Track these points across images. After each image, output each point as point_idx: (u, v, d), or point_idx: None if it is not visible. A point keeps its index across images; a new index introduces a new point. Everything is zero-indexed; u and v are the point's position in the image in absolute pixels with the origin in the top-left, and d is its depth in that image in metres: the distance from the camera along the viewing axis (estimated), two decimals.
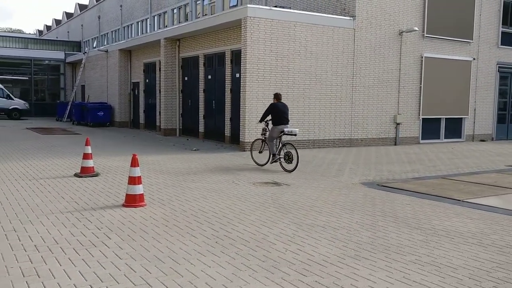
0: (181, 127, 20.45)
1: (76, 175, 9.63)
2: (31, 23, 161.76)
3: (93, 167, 9.81)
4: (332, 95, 16.27)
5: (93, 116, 24.79)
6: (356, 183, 9.71)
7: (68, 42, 47.89)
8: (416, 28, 17.37)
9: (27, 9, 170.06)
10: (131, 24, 37.31)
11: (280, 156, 11.35)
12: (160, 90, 21.11)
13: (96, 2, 44.98)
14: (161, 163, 11.78)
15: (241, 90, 14.96)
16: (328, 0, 17.35)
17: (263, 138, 12.00)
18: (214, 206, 7.23)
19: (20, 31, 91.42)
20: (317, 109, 15.97)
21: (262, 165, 11.71)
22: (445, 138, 19.89)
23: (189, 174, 10.20)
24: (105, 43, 40.71)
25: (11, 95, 30.20)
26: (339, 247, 5.35)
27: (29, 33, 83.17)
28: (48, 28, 69.04)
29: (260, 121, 11.71)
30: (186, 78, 20.04)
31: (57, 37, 55.78)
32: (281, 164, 11.26)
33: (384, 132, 17.76)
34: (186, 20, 29.14)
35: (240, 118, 15.00)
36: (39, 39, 53.38)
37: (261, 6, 15.48)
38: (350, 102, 16.72)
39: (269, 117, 11.57)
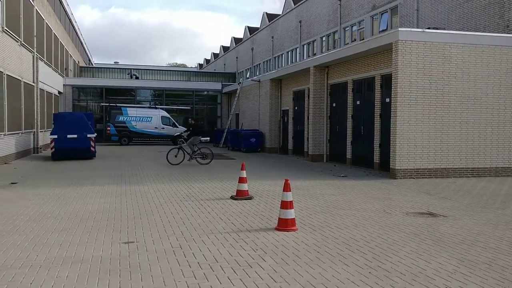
0: (328, 153, 20.47)
1: (232, 197, 10.19)
2: (193, 58, 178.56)
3: (247, 190, 10.28)
4: (494, 119, 14.87)
5: (246, 142, 26.12)
6: None
7: (224, 74, 51.64)
8: None
9: (191, 45, 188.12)
10: (281, 54, 38.82)
11: (196, 156, 17.99)
12: (308, 117, 21.46)
13: (250, 35, 47.86)
14: (310, 189, 11.87)
15: (391, 115, 14.49)
16: (488, 17, 16.09)
17: (179, 146, 18.20)
18: (366, 235, 7.02)
19: (184, 66, 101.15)
20: (476, 134, 14.73)
21: (175, 164, 17.38)
22: None
23: (338, 201, 10.10)
24: (257, 73, 42.94)
25: (176, 123, 33.34)
26: None
27: (191, 67, 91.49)
28: (207, 61, 75.23)
29: (188, 135, 18.43)
30: (334, 104, 20.09)
31: (214, 69, 60.53)
32: (197, 160, 18.03)
33: None
34: (334, 47, 29.38)
35: (391, 144, 14.49)
36: (199, 72, 58.45)
37: (413, 29, 14.94)
38: None
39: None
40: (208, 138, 19.43)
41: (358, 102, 18.01)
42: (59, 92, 32.77)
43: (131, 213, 8.53)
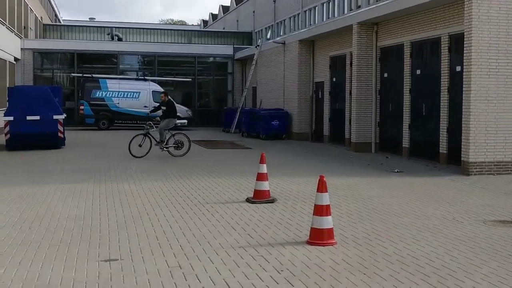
0: (377, 141, 20.39)
1: (248, 200, 10.25)
2: (195, 13, 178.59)
3: (268, 190, 10.31)
4: None
5: (266, 126, 26.08)
6: None
7: (237, 34, 51.44)
8: None
9: None
10: (314, 7, 38.57)
11: (168, 146, 17.87)
12: (350, 92, 21.39)
13: None
14: (353, 188, 11.87)
15: (464, 89, 14.39)
16: None
17: (145, 132, 17.64)
18: (428, 251, 7.01)
19: (182, 23, 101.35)
20: None
21: (138, 157, 16.97)
22: None
23: (392, 205, 10.08)
24: (281, 33, 42.78)
25: (172, 100, 33.48)
26: None
27: (192, 25, 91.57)
28: (214, 17, 75.18)
29: (162, 117, 18.61)
30: (385, 75, 19.97)
31: (224, 28, 60.43)
32: (169, 151, 17.80)
33: None
34: None
35: (463, 128, 14.40)
36: (204, 31, 58.39)
37: None
38: None
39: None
40: (186, 121, 19.65)
41: (418, 72, 17.87)
42: (16, 59, 33.15)
43: (113, 220, 8.62)
